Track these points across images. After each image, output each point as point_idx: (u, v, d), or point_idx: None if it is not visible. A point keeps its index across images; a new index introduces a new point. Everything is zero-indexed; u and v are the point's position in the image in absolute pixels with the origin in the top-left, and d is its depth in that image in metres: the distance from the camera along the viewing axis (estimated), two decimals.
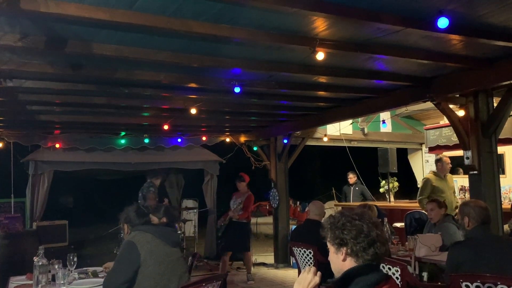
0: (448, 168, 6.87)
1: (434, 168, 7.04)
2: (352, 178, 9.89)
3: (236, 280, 7.55)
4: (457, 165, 8.62)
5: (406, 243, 5.22)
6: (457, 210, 4.70)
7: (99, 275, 3.82)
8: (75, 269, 3.75)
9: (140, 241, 3.25)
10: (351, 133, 9.57)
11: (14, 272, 4.18)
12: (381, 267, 2.55)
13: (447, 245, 4.35)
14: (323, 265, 2.38)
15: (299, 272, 5.21)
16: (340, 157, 10.31)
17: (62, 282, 3.41)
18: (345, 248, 2.02)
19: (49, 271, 3.49)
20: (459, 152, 6.61)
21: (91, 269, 3.99)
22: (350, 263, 2.02)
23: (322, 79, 5.22)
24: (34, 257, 3.44)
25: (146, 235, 3.32)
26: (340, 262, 2.04)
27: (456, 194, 6.53)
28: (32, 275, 3.49)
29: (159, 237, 3.35)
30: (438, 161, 6.94)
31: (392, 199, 9.42)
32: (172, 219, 4.35)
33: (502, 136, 5.42)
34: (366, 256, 1.99)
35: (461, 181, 7.89)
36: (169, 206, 3.93)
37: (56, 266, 3.49)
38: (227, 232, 7.38)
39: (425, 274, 4.62)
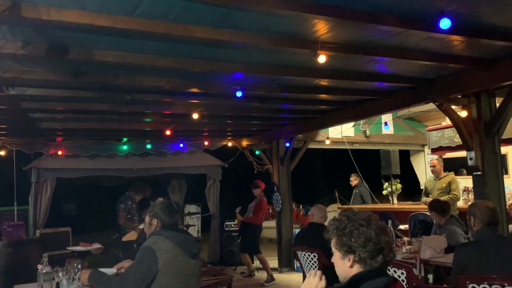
0: (436, 171, 6.97)
1: None
2: (353, 181, 9.81)
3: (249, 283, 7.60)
4: (460, 166, 8.61)
5: (409, 246, 5.20)
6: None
7: None
8: None
9: (160, 249, 3.04)
10: (353, 135, 9.54)
11: (18, 280, 4.17)
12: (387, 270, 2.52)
13: (452, 245, 4.34)
14: (328, 269, 2.36)
15: (304, 275, 5.19)
16: (343, 160, 10.28)
17: None
18: (352, 256, 1.98)
19: (53, 279, 3.48)
20: (462, 153, 6.60)
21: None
22: (357, 270, 1.99)
23: (324, 82, 5.21)
24: (38, 265, 3.42)
25: (166, 243, 3.09)
26: (347, 268, 2.00)
27: (451, 195, 6.60)
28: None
29: (180, 246, 3.12)
30: None
31: (395, 201, 9.38)
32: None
33: (505, 136, 5.40)
34: (375, 263, 1.96)
35: (464, 182, 7.86)
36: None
37: (60, 274, 3.47)
38: (239, 233, 8.48)
39: (430, 276, 4.60)
